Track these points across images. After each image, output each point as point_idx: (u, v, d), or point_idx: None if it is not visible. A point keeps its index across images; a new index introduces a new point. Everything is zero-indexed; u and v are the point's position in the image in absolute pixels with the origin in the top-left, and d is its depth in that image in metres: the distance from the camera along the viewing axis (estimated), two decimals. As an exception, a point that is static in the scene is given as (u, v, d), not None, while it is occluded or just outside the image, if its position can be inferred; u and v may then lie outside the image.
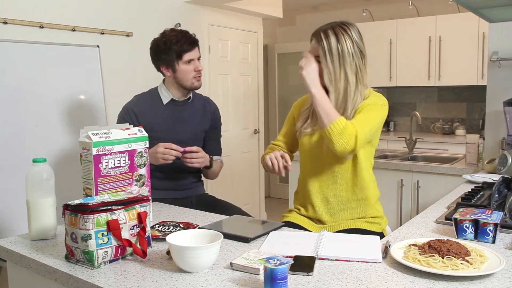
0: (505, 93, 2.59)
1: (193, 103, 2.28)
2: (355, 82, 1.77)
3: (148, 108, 2.20)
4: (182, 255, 1.19)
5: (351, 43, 1.75)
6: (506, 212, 1.58)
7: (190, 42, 2.13)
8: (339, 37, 1.74)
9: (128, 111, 2.19)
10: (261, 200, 5.19)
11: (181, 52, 2.11)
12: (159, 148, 1.97)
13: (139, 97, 2.26)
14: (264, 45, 5.90)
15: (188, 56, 2.13)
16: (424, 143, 4.40)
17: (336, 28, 1.76)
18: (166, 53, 2.12)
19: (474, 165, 2.85)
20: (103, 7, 3.38)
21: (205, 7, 4.26)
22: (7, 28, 2.81)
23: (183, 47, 2.11)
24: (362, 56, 1.79)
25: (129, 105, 2.22)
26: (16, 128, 2.69)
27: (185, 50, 2.11)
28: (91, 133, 1.52)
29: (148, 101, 2.22)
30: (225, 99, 4.60)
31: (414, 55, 4.93)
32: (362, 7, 5.46)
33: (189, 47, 2.12)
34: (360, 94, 1.80)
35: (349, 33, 1.75)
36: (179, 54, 2.11)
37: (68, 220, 1.28)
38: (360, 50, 1.78)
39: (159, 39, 2.15)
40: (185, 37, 2.12)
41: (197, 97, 2.33)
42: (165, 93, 2.21)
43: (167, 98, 2.21)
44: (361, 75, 1.79)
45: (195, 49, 2.16)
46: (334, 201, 1.88)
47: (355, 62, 1.76)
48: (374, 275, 1.17)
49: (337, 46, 1.73)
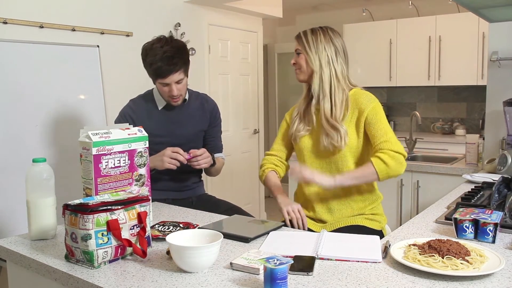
0: (505, 93, 2.59)
1: (190, 104, 2.25)
2: (334, 73, 1.86)
3: (144, 112, 2.18)
4: (182, 255, 1.19)
5: (325, 38, 1.87)
6: (506, 212, 1.58)
7: (167, 69, 1.99)
8: (317, 33, 1.88)
9: (125, 116, 2.16)
10: (261, 200, 5.19)
11: (155, 75, 2.04)
12: (167, 152, 1.96)
13: (135, 101, 2.22)
14: (264, 45, 5.90)
15: (162, 80, 2.04)
16: (424, 143, 4.39)
17: (315, 29, 1.90)
18: (145, 67, 2.08)
19: (474, 165, 2.85)
20: (103, 7, 3.38)
21: (205, 7, 4.26)
22: (7, 28, 2.81)
23: (158, 71, 2.00)
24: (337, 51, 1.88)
25: (126, 110, 2.19)
26: (16, 128, 2.69)
27: (159, 75, 2.02)
28: (91, 133, 1.52)
29: (144, 105, 2.20)
30: (225, 99, 4.59)
31: (414, 55, 4.93)
32: (362, 7, 5.46)
33: (165, 73, 2.00)
34: (343, 88, 1.87)
35: (328, 32, 1.88)
36: (154, 76, 2.05)
37: (68, 220, 1.28)
38: (342, 47, 1.89)
39: (145, 48, 2.06)
40: (164, 61, 1.98)
41: (194, 96, 2.29)
42: (160, 97, 2.19)
43: (161, 103, 2.19)
44: (341, 69, 1.88)
45: (171, 75, 2.01)
46: (333, 201, 1.89)
47: (334, 54, 1.87)
48: (374, 275, 1.17)
49: (317, 38, 1.87)
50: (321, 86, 1.86)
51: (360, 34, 5.21)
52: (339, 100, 1.84)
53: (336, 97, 1.84)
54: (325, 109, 1.84)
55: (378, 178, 1.75)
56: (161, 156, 1.98)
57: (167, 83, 2.04)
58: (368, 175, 1.76)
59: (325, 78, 1.85)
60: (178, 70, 2.03)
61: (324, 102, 1.85)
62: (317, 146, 1.89)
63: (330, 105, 1.84)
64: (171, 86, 2.05)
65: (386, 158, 1.73)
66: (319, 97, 1.87)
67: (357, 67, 5.30)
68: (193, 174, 2.27)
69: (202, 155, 2.05)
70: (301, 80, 1.94)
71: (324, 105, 1.85)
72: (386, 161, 1.73)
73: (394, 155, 1.74)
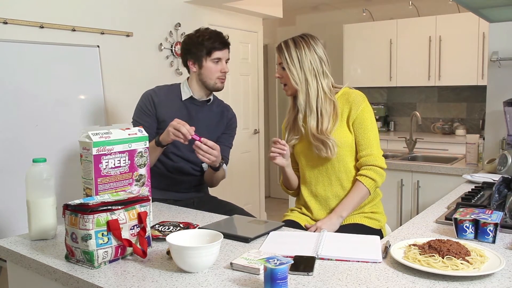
0: (505, 93, 2.59)
1: (212, 107, 2.27)
2: (321, 86, 1.85)
3: (166, 99, 2.19)
4: (182, 255, 1.19)
5: (309, 50, 1.84)
6: (506, 212, 1.58)
7: (222, 42, 2.17)
8: (300, 45, 1.85)
9: (148, 98, 2.17)
10: (261, 200, 5.19)
11: (211, 49, 2.14)
12: (173, 122, 1.91)
13: (160, 88, 2.25)
14: (264, 45, 5.90)
15: (217, 54, 2.15)
16: (424, 143, 4.39)
17: (296, 40, 1.88)
18: (196, 47, 2.15)
19: (474, 165, 2.85)
20: (103, 7, 3.37)
21: (205, 7, 4.26)
22: (7, 28, 2.81)
23: (215, 44, 2.14)
24: (322, 61, 1.87)
25: (149, 92, 2.21)
26: (16, 128, 2.69)
27: (215, 48, 2.14)
28: (91, 133, 1.52)
29: (168, 93, 2.22)
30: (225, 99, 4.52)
31: (414, 55, 4.93)
32: (362, 7, 5.46)
33: (220, 45, 2.15)
34: (330, 99, 1.86)
35: (310, 42, 1.86)
36: (209, 50, 2.14)
37: (68, 220, 1.28)
38: (324, 54, 1.88)
39: (193, 34, 2.20)
40: (218, 36, 2.17)
41: (217, 103, 2.32)
42: (186, 89, 2.21)
43: (187, 95, 2.20)
44: (327, 81, 1.87)
45: (225, 49, 2.19)
46: (333, 200, 1.90)
47: (320, 65, 1.85)
48: (374, 275, 1.17)
49: (301, 51, 1.84)
50: (307, 101, 1.85)
51: (360, 34, 5.21)
52: (326, 114, 1.84)
53: (323, 110, 1.84)
54: (311, 126, 1.85)
55: (370, 194, 1.88)
56: (166, 130, 1.95)
57: (220, 57, 2.16)
58: (364, 196, 1.87)
59: (312, 94, 1.84)
60: (228, 48, 2.21)
61: (311, 119, 1.85)
62: (311, 151, 1.90)
63: (316, 121, 1.84)
64: (223, 62, 2.18)
65: (373, 175, 1.83)
66: (306, 112, 1.86)
67: (357, 67, 5.30)
68: (194, 176, 2.26)
69: (212, 149, 1.93)
70: (290, 95, 1.94)
71: (310, 122, 1.85)
72: (374, 178, 1.83)
73: (378, 171, 1.84)
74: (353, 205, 1.85)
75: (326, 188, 1.90)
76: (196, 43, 2.15)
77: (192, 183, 2.26)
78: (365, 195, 1.86)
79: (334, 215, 1.83)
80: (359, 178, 1.84)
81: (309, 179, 1.94)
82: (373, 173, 1.83)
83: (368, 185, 1.83)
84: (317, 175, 1.91)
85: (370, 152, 1.84)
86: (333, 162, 1.87)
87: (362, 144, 1.86)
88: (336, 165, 1.87)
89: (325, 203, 1.91)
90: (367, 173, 1.83)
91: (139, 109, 2.18)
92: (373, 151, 1.85)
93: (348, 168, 1.88)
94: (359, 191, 1.84)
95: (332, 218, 1.82)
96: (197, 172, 2.25)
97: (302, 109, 1.87)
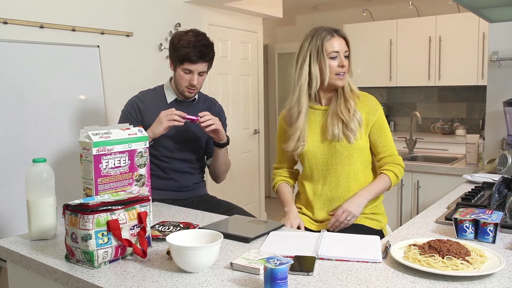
0: (505, 93, 2.59)
1: (198, 104, 2.26)
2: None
3: (152, 105, 2.18)
4: (182, 255, 1.19)
5: None
6: (506, 212, 1.58)
7: (198, 55, 2.05)
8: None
9: (132, 105, 2.18)
10: (261, 200, 5.19)
11: (183, 59, 2.07)
12: (161, 114, 1.96)
13: (144, 93, 2.25)
14: (264, 45, 5.90)
15: (188, 66, 2.08)
16: (424, 143, 4.39)
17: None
18: (173, 50, 2.12)
19: (474, 165, 2.85)
20: (103, 7, 3.37)
21: (205, 7, 4.26)
22: (7, 28, 2.81)
23: (189, 55, 2.04)
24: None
25: (134, 99, 2.21)
26: (16, 128, 2.69)
27: (188, 60, 2.06)
28: (91, 133, 1.52)
29: (153, 98, 2.21)
30: (225, 99, 4.59)
31: (414, 55, 4.93)
32: (362, 7, 5.46)
33: (194, 58, 2.05)
34: None
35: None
36: (182, 60, 2.08)
37: (68, 220, 1.28)
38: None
39: (177, 34, 2.13)
40: (196, 47, 2.05)
41: (203, 98, 2.32)
42: (170, 92, 2.20)
43: (171, 97, 2.20)
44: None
45: (199, 63, 2.08)
46: (336, 202, 1.89)
47: None
48: (374, 275, 1.17)
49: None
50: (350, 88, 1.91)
51: (360, 34, 5.21)
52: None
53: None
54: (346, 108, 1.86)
55: (389, 188, 1.94)
56: (157, 122, 1.97)
57: (191, 70, 2.08)
58: (386, 188, 1.91)
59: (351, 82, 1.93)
60: (205, 61, 2.10)
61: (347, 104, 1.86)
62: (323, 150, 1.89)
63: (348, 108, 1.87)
64: (194, 75, 2.10)
65: (397, 172, 1.90)
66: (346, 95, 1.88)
67: (357, 67, 5.29)
68: (193, 175, 2.26)
69: (210, 116, 2.02)
70: (341, 86, 1.87)
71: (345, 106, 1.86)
72: (397, 175, 1.91)
73: (401, 170, 1.93)
74: (375, 192, 1.88)
75: (333, 189, 1.89)
76: (173, 46, 2.10)
77: (191, 182, 2.26)
78: (387, 187, 1.90)
79: (358, 196, 1.85)
80: (385, 172, 1.90)
81: (317, 179, 1.92)
82: (397, 171, 1.90)
83: (392, 179, 1.89)
84: (325, 175, 1.90)
85: (392, 152, 1.92)
86: (343, 164, 1.87)
87: (383, 146, 1.91)
88: (346, 167, 1.87)
89: (328, 203, 1.91)
90: (393, 169, 1.90)
91: (123, 115, 2.18)
92: (395, 152, 1.93)
93: (357, 170, 1.88)
94: (384, 181, 1.89)
95: (357, 199, 1.84)
96: (194, 170, 2.25)
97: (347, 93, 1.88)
